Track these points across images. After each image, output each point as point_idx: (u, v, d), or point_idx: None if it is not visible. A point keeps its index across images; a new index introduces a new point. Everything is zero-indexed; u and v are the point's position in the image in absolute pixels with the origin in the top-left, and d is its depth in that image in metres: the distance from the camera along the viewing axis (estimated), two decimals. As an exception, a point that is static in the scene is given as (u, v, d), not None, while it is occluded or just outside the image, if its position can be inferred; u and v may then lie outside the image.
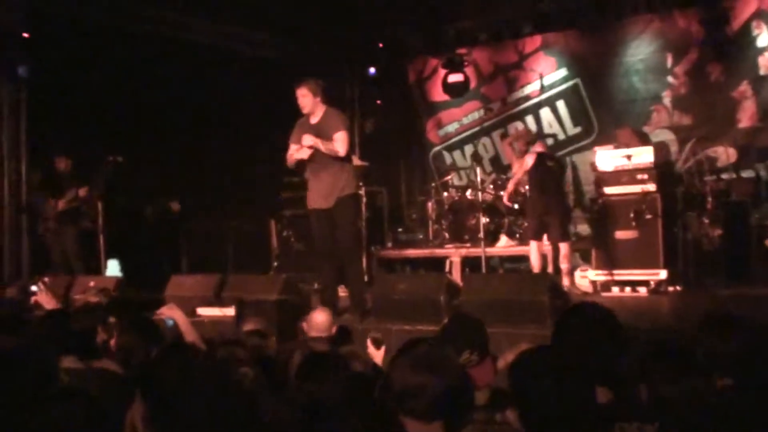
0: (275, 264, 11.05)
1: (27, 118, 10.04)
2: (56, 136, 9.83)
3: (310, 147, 7.23)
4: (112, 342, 4.55)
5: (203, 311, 7.50)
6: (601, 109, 11.98)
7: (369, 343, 5.46)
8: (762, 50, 10.66)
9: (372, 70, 13.01)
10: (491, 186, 10.99)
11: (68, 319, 4.40)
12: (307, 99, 7.32)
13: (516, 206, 10.53)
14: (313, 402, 3.26)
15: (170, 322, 5.21)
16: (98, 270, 9.48)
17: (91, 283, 7.95)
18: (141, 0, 10.39)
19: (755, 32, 10.71)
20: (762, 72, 10.69)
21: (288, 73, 10.98)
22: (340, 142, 7.24)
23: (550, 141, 11.64)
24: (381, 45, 12.93)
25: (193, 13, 11.12)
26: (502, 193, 10.60)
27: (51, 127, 9.85)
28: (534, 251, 9.07)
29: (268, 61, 12.09)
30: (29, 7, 9.72)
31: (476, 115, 13.15)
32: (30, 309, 6.81)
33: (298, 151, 7.36)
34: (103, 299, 6.78)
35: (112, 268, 10.11)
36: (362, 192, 10.08)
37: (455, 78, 12.59)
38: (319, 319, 5.69)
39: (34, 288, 7.71)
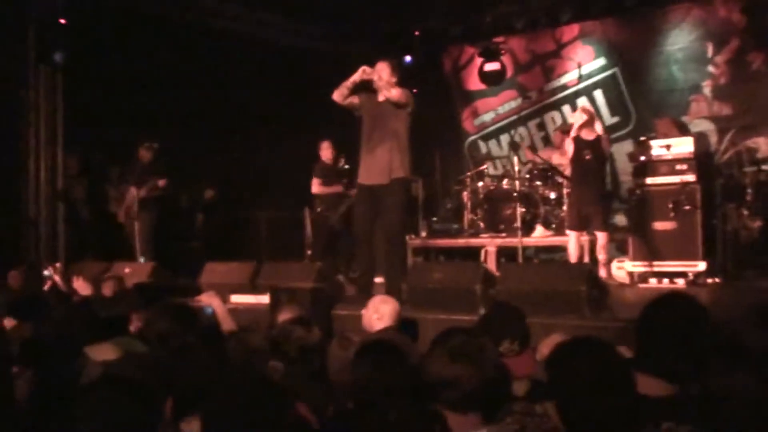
0: (309, 252, 10.80)
1: (63, 105, 10.12)
2: (92, 123, 9.83)
3: (368, 78, 7.08)
4: (147, 328, 4.51)
5: (237, 299, 7.41)
6: (640, 99, 11.81)
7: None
8: (806, 38, 10.49)
9: (408, 58, 12.72)
10: (527, 176, 10.76)
11: (100, 307, 4.37)
12: (384, 73, 7.14)
13: (552, 196, 10.45)
14: (365, 391, 3.18)
15: (209, 310, 5.19)
16: (134, 257, 9.57)
17: (126, 270, 7.97)
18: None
19: (799, 20, 10.53)
20: (806, 61, 10.53)
21: (322, 62, 11.06)
22: (400, 91, 7.10)
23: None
24: (417, 33, 12.88)
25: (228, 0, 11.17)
26: (538, 182, 10.56)
27: (87, 115, 9.85)
28: (572, 241, 8.93)
29: (301, 49, 12.05)
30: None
31: (513, 104, 13.08)
32: (47, 295, 6.92)
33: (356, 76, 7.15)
34: (117, 288, 6.76)
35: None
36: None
37: (492, 67, 12.48)
38: (385, 309, 5.33)
39: (46, 273, 7.92)
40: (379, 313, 5.31)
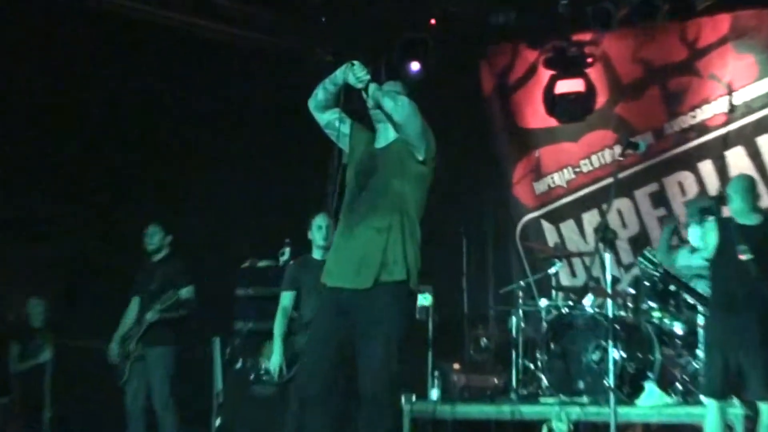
0: (218, 421, 10.59)
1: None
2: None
3: (358, 83, 6.82)
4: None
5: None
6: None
7: None
8: None
9: (414, 66, 12.21)
10: (632, 290, 10.41)
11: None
12: (389, 84, 7.14)
13: (679, 330, 10.29)
14: None
15: None
16: None
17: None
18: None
19: None
20: None
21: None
22: (410, 109, 6.77)
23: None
24: (433, 21, 12.36)
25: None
26: (652, 304, 10.39)
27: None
28: (713, 416, 8.57)
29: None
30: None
31: (607, 156, 12.84)
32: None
33: None
34: None
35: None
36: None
37: (570, 87, 12.33)
38: None
39: None
40: None
